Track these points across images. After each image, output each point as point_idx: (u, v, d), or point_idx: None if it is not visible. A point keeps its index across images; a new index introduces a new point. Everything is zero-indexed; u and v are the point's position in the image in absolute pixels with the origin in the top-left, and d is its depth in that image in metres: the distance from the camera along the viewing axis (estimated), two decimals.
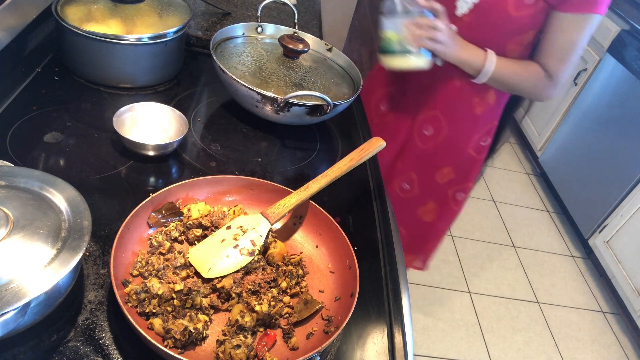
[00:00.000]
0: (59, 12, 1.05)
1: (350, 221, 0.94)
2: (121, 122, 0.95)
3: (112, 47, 1.06)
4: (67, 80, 1.11)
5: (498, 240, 2.73)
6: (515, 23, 1.07)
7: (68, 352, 0.62)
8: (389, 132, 1.34)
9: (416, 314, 2.19)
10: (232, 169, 1.01)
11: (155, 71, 1.16)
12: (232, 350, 0.65)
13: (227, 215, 0.82)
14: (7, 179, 0.68)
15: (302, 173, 1.05)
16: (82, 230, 0.64)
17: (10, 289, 0.55)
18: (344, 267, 0.79)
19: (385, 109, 1.39)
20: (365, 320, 0.78)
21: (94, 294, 0.70)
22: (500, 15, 1.07)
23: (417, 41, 1.03)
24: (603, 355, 2.30)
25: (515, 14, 1.05)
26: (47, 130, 0.96)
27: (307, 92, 1.06)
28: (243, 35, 1.26)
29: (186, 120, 0.99)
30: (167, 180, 0.93)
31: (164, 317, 0.67)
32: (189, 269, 0.74)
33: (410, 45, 1.04)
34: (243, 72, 1.13)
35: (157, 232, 0.78)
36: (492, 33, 1.11)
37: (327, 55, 1.29)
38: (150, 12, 1.15)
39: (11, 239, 0.60)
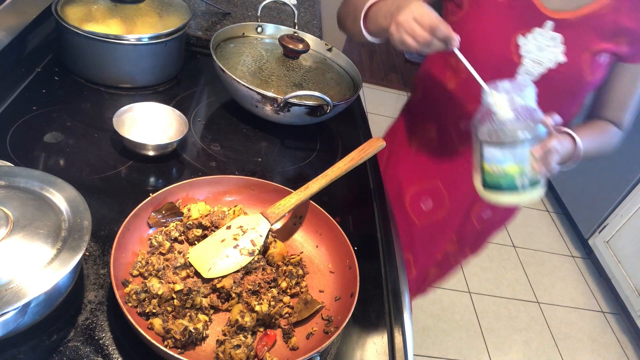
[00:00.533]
0: (59, 12, 1.05)
1: (350, 221, 0.94)
2: (121, 122, 0.95)
3: (112, 47, 1.06)
4: (67, 80, 1.11)
5: (498, 240, 2.73)
6: (587, 87, 0.99)
7: (68, 352, 0.62)
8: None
9: (416, 314, 2.19)
10: (232, 169, 1.01)
11: (155, 71, 1.16)
12: (232, 350, 0.65)
13: (227, 215, 0.82)
14: (7, 179, 0.68)
15: (302, 173, 1.05)
16: (82, 230, 0.64)
17: (10, 289, 0.55)
18: (344, 267, 0.79)
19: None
20: (365, 320, 0.78)
21: (94, 294, 0.70)
22: (573, 83, 0.98)
23: (547, 169, 0.79)
24: (603, 355, 2.30)
25: (590, 78, 0.97)
26: (47, 130, 0.96)
27: (307, 92, 1.06)
28: (243, 35, 1.26)
29: (186, 120, 0.99)
30: (167, 180, 0.93)
31: (164, 317, 0.67)
32: (189, 269, 0.74)
33: (539, 175, 0.80)
34: (243, 72, 1.13)
35: (157, 232, 0.78)
36: (560, 101, 1.01)
37: (327, 55, 1.29)
38: (150, 12, 1.15)
39: (11, 239, 0.60)
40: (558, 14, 0.93)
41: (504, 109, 0.78)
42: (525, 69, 0.97)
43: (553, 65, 0.95)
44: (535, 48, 0.95)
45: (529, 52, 0.96)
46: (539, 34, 0.95)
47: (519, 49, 0.96)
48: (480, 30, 0.97)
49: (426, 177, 1.20)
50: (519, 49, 0.96)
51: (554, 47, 0.95)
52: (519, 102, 0.78)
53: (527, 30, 0.95)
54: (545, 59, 0.95)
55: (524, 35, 0.95)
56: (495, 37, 0.97)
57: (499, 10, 0.96)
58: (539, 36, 0.95)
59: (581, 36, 0.94)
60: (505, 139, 0.78)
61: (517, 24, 0.95)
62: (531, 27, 0.95)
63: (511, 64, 0.97)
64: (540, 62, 0.96)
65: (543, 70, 0.96)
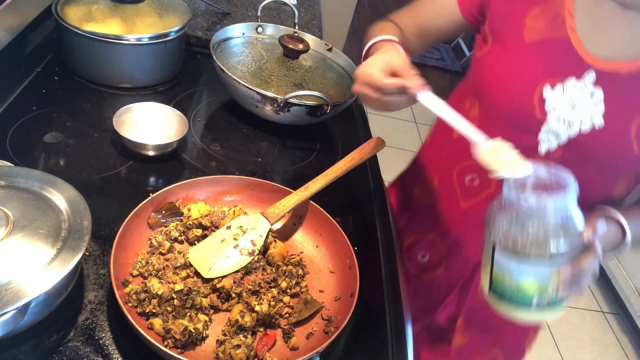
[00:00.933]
0: (59, 12, 1.05)
1: (350, 221, 0.94)
2: (121, 122, 0.95)
3: (112, 47, 1.06)
4: (67, 80, 1.11)
5: None
6: (635, 160, 0.75)
7: (68, 352, 0.62)
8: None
9: None
10: (232, 169, 1.01)
11: (155, 71, 1.16)
12: (232, 350, 0.65)
13: (227, 215, 0.82)
14: (7, 179, 0.68)
15: (302, 173, 1.05)
16: (82, 230, 0.64)
17: (10, 289, 0.55)
18: (344, 267, 0.79)
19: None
20: (365, 319, 0.78)
21: (94, 294, 0.70)
22: (614, 154, 0.76)
23: (576, 291, 0.65)
24: (603, 355, 2.30)
25: (638, 150, 0.73)
26: (47, 130, 0.96)
27: (307, 92, 1.06)
28: (243, 35, 1.26)
29: (186, 120, 0.99)
30: (167, 180, 0.93)
31: (164, 317, 0.67)
32: (189, 269, 0.74)
33: (559, 294, 0.64)
34: (243, 72, 1.13)
35: (157, 232, 0.78)
36: (595, 173, 0.78)
37: (327, 55, 1.29)
38: (150, 12, 1.15)
39: (11, 239, 0.60)
40: (605, 64, 0.73)
41: (531, 207, 0.60)
42: (549, 129, 0.76)
43: (587, 129, 0.74)
44: (566, 104, 0.75)
45: (556, 108, 0.75)
46: (574, 87, 0.74)
47: (544, 103, 0.76)
48: (499, 73, 0.80)
49: (423, 230, 1.04)
50: (544, 103, 0.76)
51: (592, 105, 0.73)
52: (553, 203, 0.60)
53: (558, 79, 0.75)
54: (578, 120, 0.74)
55: (554, 86, 0.75)
56: (517, 83, 0.78)
57: (526, 51, 0.78)
58: (573, 89, 0.74)
59: (631, 96, 0.73)
60: (526, 250, 0.61)
61: (548, 70, 0.76)
62: (565, 76, 0.74)
63: (532, 121, 0.77)
64: (571, 123, 0.75)
65: (572, 133, 0.75)
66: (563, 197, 0.61)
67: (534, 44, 0.77)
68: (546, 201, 0.60)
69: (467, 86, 0.93)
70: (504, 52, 0.80)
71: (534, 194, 0.61)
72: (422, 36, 0.97)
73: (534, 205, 0.60)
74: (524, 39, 0.77)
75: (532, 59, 0.77)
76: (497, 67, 0.80)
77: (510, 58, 0.79)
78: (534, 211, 0.60)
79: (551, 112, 0.76)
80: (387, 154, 3.55)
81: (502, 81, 0.79)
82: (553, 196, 0.60)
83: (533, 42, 0.77)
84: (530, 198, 0.60)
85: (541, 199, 0.60)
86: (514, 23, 0.79)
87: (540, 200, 0.60)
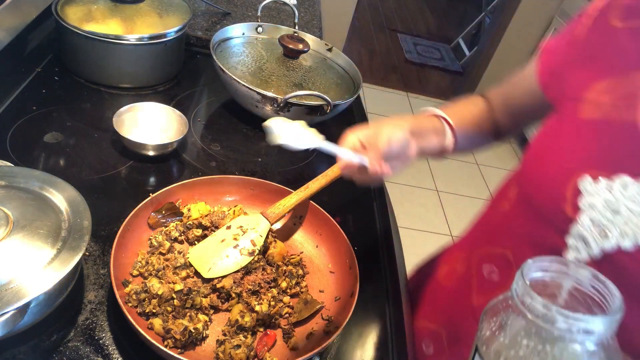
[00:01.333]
0: (59, 12, 1.05)
1: (350, 221, 0.94)
2: (121, 122, 0.95)
3: (112, 47, 1.06)
4: (67, 80, 1.11)
5: None
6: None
7: (68, 352, 0.62)
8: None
9: None
10: (232, 169, 1.01)
11: (155, 71, 1.16)
12: (232, 350, 0.65)
13: (227, 215, 0.82)
14: (7, 179, 0.68)
15: (302, 173, 1.05)
16: (82, 230, 0.64)
17: (10, 289, 0.55)
18: (344, 267, 0.79)
19: None
20: (365, 320, 0.78)
21: (94, 294, 0.70)
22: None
23: None
24: None
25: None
26: (47, 130, 0.96)
27: (307, 92, 1.06)
28: (243, 35, 1.26)
29: (186, 120, 0.99)
30: (167, 180, 0.93)
31: (164, 317, 0.67)
32: (189, 269, 0.74)
33: None
34: (243, 72, 1.13)
35: (157, 232, 0.78)
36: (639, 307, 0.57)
37: (327, 55, 1.29)
38: (150, 12, 1.15)
39: (11, 239, 0.60)
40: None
41: (538, 320, 0.42)
42: (578, 232, 0.58)
43: (630, 246, 0.54)
44: (606, 206, 0.56)
45: (591, 208, 0.57)
46: (624, 187, 0.56)
47: (577, 197, 0.58)
48: (537, 149, 0.66)
49: (428, 317, 0.90)
50: (577, 197, 0.58)
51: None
52: (577, 326, 0.41)
53: (605, 172, 0.57)
54: (617, 231, 0.55)
55: (596, 178, 0.57)
56: (551, 165, 0.62)
57: (577, 129, 0.61)
58: (621, 190, 0.56)
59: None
60: None
61: (596, 157, 0.59)
62: (616, 171, 0.56)
63: (561, 217, 0.60)
64: (607, 232, 0.56)
65: (608, 246, 0.56)
66: (595, 322, 0.41)
67: (589, 122, 0.60)
68: (564, 318, 0.41)
69: None
70: (553, 126, 0.66)
71: (551, 303, 0.42)
72: (509, 112, 0.82)
73: (541, 317, 0.42)
74: (580, 114, 0.61)
75: (580, 139, 0.61)
76: (538, 142, 0.66)
77: (556, 134, 0.64)
78: (538, 328, 0.43)
79: (585, 210, 0.58)
80: None
81: (537, 159, 0.65)
82: (580, 316, 0.41)
83: (589, 121, 0.60)
84: (537, 305, 0.42)
85: (556, 312, 0.41)
86: (574, 94, 0.64)
87: (552, 314, 0.41)
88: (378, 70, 4.05)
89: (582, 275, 0.47)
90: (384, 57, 4.26)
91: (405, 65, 4.22)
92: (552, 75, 0.69)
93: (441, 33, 5.00)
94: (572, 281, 0.47)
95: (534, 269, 0.47)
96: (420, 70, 4.20)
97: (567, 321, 0.41)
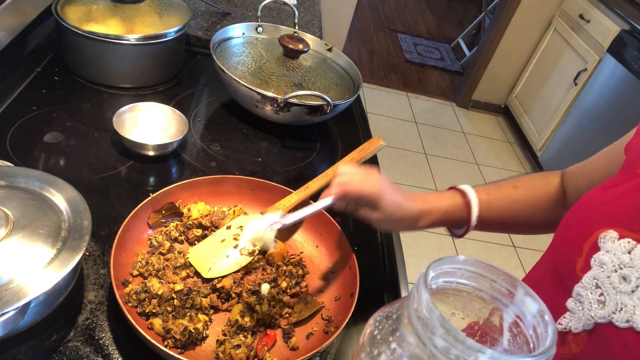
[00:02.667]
0: (59, 12, 1.05)
1: (350, 221, 0.94)
2: (121, 122, 0.95)
3: (112, 47, 1.06)
4: (67, 80, 1.11)
5: (498, 240, 2.73)
6: None
7: (68, 352, 0.62)
8: None
9: None
10: (232, 169, 1.01)
11: (155, 71, 1.16)
12: (232, 350, 0.65)
13: (227, 215, 0.82)
14: (7, 179, 0.68)
15: (302, 173, 1.05)
16: (82, 230, 0.64)
17: (10, 289, 0.55)
18: (344, 267, 0.79)
19: None
20: (365, 320, 0.78)
21: (94, 294, 0.70)
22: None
23: None
24: None
25: None
26: (47, 130, 0.96)
27: (307, 92, 1.06)
28: (243, 35, 1.26)
29: (186, 120, 0.99)
30: (167, 180, 0.93)
31: (164, 317, 0.67)
32: (189, 269, 0.74)
33: None
34: (243, 72, 1.13)
35: (157, 232, 0.78)
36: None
37: (327, 55, 1.29)
38: (150, 12, 1.15)
39: (11, 239, 0.60)
40: None
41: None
42: (577, 293, 0.52)
43: (621, 321, 0.47)
44: (614, 268, 0.49)
45: (599, 266, 0.50)
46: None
47: (593, 252, 0.52)
48: (584, 200, 0.59)
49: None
50: (593, 252, 0.52)
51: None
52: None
53: (636, 235, 0.49)
54: (616, 301, 0.48)
55: (622, 238, 0.50)
56: (583, 214, 0.57)
57: (628, 185, 0.54)
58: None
59: None
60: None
61: (632, 215, 0.51)
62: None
63: (569, 272, 0.54)
64: (606, 298, 0.49)
65: (599, 316, 0.49)
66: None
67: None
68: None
69: None
70: (609, 181, 0.58)
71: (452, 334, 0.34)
72: (587, 187, 0.68)
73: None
74: (637, 169, 0.55)
75: (626, 193, 0.53)
76: (587, 194, 0.59)
77: (605, 185, 0.57)
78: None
79: (593, 268, 0.50)
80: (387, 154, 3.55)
81: (574, 209, 0.59)
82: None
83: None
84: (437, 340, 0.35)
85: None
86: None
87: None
88: (378, 70, 4.04)
89: (528, 308, 0.39)
90: (384, 57, 4.26)
91: (405, 65, 4.22)
92: (638, 135, 0.61)
93: (441, 33, 5.00)
94: (514, 312, 0.40)
95: (464, 273, 0.40)
96: (420, 70, 4.20)
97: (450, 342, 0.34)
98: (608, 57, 2.67)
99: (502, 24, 3.38)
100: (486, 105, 3.77)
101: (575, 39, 3.00)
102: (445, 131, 3.50)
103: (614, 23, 2.68)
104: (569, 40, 3.06)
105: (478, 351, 0.33)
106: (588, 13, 2.92)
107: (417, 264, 2.46)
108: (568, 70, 3.01)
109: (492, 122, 3.75)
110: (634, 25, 2.56)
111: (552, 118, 3.06)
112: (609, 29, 2.69)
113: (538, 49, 3.40)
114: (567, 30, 3.10)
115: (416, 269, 1.75)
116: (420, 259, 2.45)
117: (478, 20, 4.68)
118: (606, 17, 2.76)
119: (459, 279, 0.42)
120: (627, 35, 2.56)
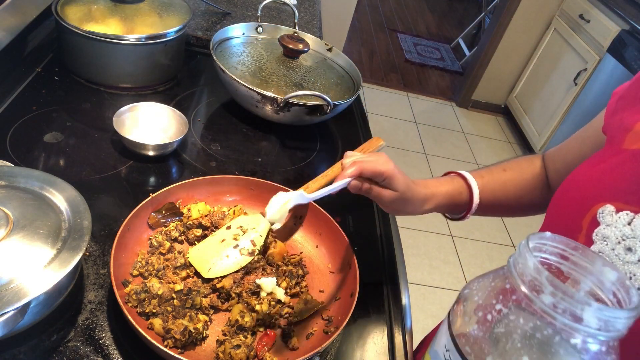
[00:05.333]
0: (59, 12, 1.05)
1: (350, 221, 0.94)
2: (121, 122, 0.95)
3: (112, 47, 1.06)
4: (67, 80, 1.11)
5: (498, 240, 2.73)
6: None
7: (68, 352, 0.62)
8: None
9: (416, 314, 2.19)
10: (232, 169, 1.01)
11: (155, 71, 1.16)
12: (232, 350, 0.65)
13: (227, 215, 0.82)
14: (7, 179, 0.68)
15: (302, 173, 1.05)
16: (82, 230, 0.64)
17: (10, 289, 0.55)
18: (344, 267, 0.79)
19: None
20: (365, 320, 0.78)
21: (94, 294, 0.70)
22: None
23: None
24: None
25: None
26: (47, 130, 0.96)
27: (307, 92, 1.06)
28: (243, 35, 1.26)
29: (186, 120, 0.99)
30: (167, 180, 0.93)
31: (164, 317, 0.67)
32: (189, 269, 0.74)
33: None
34: (243, 72, 1.13)
35: (157, 232, 0.78)
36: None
37: (327, 55, 1.29)
38: (150, 12, 1.15)
39: (11, 239, 0.60)
40: None
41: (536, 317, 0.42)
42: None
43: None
44: (618, 241, 0.51)
45: (603, 240, 0.52)
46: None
47: (594, 228, 0.53)
48: (572, 177, 0.61)
49: None
50: (594, 228, 0.53)
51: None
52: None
53: (632, 207, 0.51)
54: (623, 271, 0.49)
55: (619, 211, 0.52)
56: (577, 192, 0.58)
57: (615, 159, 0.56)
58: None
59: None
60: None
61: (626, 189, 0.53)
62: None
63: None
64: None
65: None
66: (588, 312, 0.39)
67: (629, 153, 0.55)
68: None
69: None
70: (594, 157, 0.60)
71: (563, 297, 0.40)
72: (567, 170, 0.70)
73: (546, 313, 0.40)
74: (623, 145, 0.56)
75: (614, 169, 0.55)
76: (574, 172, 0.61)
77: (593, 163, 0.59)
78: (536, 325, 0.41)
79: (596, 242, 0.52)
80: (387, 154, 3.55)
81: (564, 186, 0.60)
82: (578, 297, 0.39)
83: (629, 151, 0.55)
84: (546, 299, 0.40)
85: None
86: (624, 126, 0.59)
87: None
88: (378, 70, 4.05)
89: (607, 277, 0.43)
90: (384, 57, 4.26)
91: (405, 65, 4.22)
92: (613, 115, 0.63)
93: (441, 33, 5.00)
94: (592, 281, 0.43)
95: (548, 248, 0.45)
96: (420, 70, 4.20)
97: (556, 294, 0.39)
98: (608, 57, 2.67)
99: (502, 24, 3.38)
100: (486, 105, 3.78)
101: (575, 39, 3.01)
102: (445, 131, 3.50)
103: (614, 23, 2.68)
104: (569, 40, 3.07)
105: (585, 304, 0.38)
106: (588, 13, 2.92)
107: (417, 264, 2.46)
108: (568, 70, 3.01)
109: (492, 122, 3.75)
110: (634, 25, 2.56)
111: (552, 118, 3.06)
112: (609, 29, 2.69)
113: (538, 49, 3.40)
114: (567, 30, 3.10)
115: (416, 269, 1.75)
116: (420, 259, 2.45)
117: (478, 20, 4.68)
118: (606, 17, 2.76)
119: (544, 253, 0.46)
120: (627, 35, 2.56)
